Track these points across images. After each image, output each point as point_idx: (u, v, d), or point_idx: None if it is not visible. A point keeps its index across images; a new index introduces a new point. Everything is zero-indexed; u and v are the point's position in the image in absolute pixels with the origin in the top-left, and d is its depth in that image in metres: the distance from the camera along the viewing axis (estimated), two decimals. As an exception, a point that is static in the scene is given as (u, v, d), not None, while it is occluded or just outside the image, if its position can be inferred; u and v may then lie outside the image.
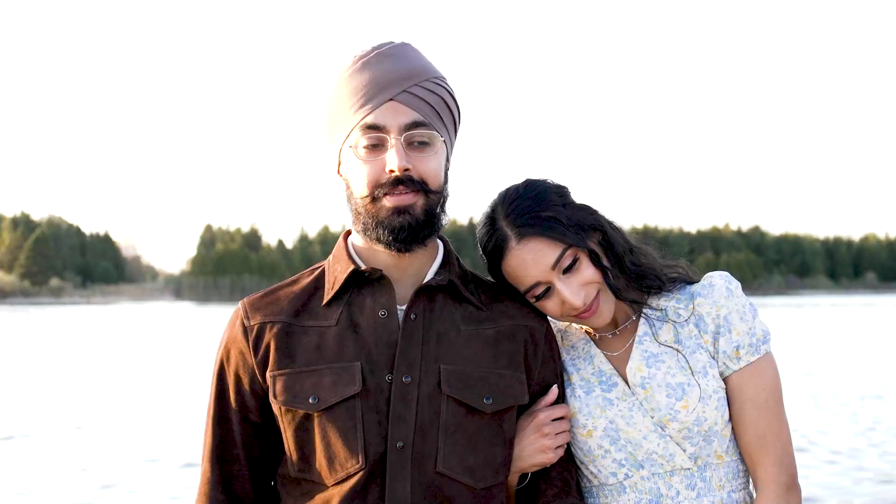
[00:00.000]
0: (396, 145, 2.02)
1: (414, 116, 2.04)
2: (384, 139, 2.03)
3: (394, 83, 2.04)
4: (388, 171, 2.02)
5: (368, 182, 2.04)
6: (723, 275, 2.28)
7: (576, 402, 2.25)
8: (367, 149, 2.04)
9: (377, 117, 2.03)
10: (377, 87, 2.04)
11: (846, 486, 9.86)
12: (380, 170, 2.03)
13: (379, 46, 2.09)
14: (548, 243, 2.15)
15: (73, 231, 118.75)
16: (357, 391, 2.02)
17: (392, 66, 2.06)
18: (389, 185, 2.02)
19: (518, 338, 2.16)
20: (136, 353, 28.40)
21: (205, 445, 2.17)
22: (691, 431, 2.18)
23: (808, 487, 9.61)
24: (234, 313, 2.18)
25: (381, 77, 2.04)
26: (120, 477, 10.43)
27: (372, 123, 2.03)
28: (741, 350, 2.21)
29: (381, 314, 2.08)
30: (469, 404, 2.06)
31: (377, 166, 2.03)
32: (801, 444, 12.01)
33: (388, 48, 2.08)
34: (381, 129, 2.03)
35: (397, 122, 2.03)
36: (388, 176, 2.02)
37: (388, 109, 2.03)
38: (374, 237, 2.06)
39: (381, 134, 2.03)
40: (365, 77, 2.05)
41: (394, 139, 2.02)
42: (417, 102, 2.06)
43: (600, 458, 2.23)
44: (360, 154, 2.04)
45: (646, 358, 2.24)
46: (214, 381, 2.16)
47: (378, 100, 2.03)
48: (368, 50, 2.08)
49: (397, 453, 2.01)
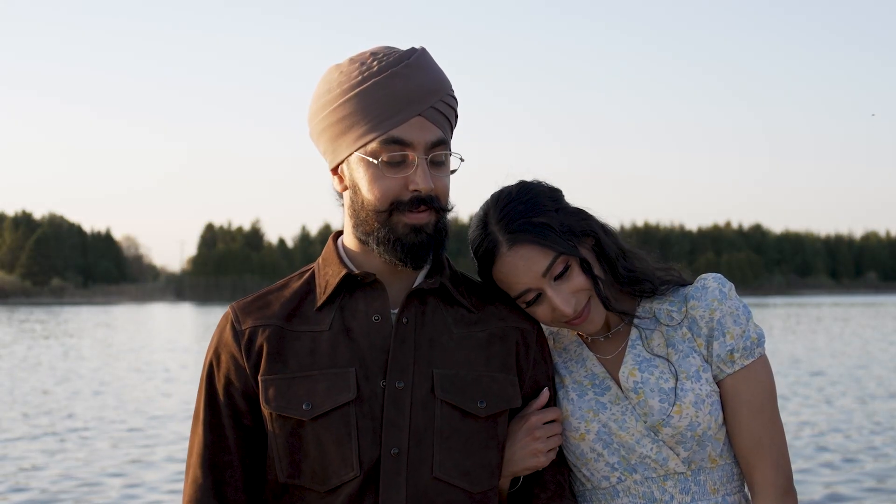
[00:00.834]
0: (422, 165, 2.00)
1: (438, 134, 2.03)
2: (408, 156, 2.00)
3: (421, 98, 2.01)
4: (412, 190, 2.00)
5: (387, 197, 2.01)
6: (716, 277, 2.27)
7: (568, 404, 2.24)
8: (389, 163, 2.00)
9: (404, 132, 1.99)
10: (405, 100, 2.00)
11: (844, 486, 9.87)
12: (401, 186, 2.00)
13: (406, 56, 2.03)
14: (539, 250, 2.14)
15: (75, 230, 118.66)
16: (352, 398, 2.00)
17: (420, 79, 2.02)
18: (410, 203, 2.01)
19: (509, 340, 2.14)
20: (137, 352, 28.42)
21: (192, 452, 2.12)
22: (685, 436, 2.17)
23: (808, 487, 9.61)
24: (223, 318, 2.15)
25: (409, 91, 2.00)
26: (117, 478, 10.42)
27: (399, 138, 1.99)
28: (735, 353, 2.20)
29: (374, 319, 2.06)
30: (463, 408, 2.04)
31: (399, 182, 2.00)
32: (801, 443, 12.02)
33: (416, 59, 2.03)
34: (407, 145, 2.00)
35: (424, 140, 2.01)
36: (410, 194, 2.00)
37: (414, 125, 2.00)
38: (385, 251, 2.04)
39: (405, 150, 2.00)
40: (392, 89, 1.99)
41: (419, 157, 2.00)
42: (440, 119, 2.04)
43: (593, 461, 2.22)
44: (381, 167, 2.00)
45: (639, 362, 2.23)
46: (204, 385, 2.12)
47: (405, 114, 2.00)
48: (394, 59, 2.02)
49: (392, 460, 1.99)
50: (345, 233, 2.16)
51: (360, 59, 2.04)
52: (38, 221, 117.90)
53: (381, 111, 1.99)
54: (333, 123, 2.04)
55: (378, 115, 1.99)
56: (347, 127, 2.02)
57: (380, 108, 1.99)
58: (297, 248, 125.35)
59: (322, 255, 2.19)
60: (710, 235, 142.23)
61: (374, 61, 2.02)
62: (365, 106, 2.00)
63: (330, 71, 2.07)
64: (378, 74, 2.00)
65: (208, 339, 2.10)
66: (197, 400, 2.15)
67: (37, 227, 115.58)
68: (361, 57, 2.05)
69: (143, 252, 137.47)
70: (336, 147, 2.06)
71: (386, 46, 2.08)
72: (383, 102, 1.99)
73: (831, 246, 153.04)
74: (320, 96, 2.06)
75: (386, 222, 2.02)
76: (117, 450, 12.17)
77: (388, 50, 2.06)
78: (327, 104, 2.04)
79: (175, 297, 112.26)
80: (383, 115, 1.99)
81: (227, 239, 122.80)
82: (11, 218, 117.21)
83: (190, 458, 2.12)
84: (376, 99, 1.99)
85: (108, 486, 10.07)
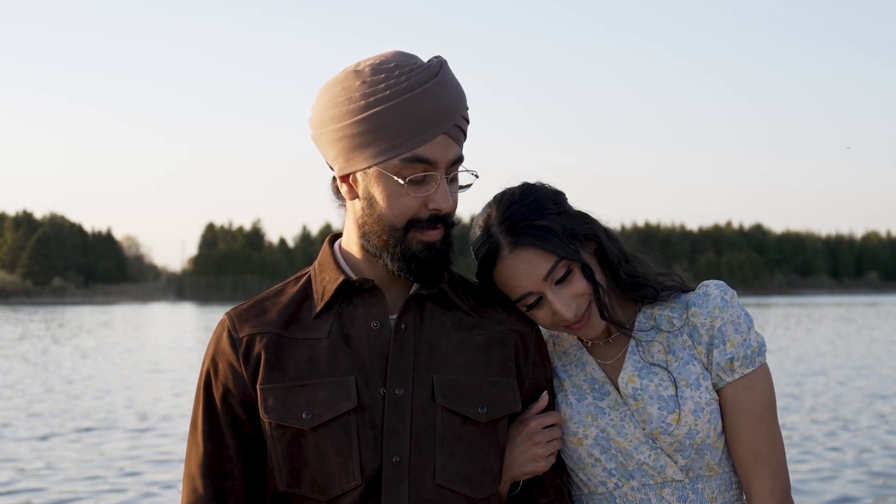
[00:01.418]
0: (443, 184, 1.98)
1: (457, 152, 2.00)
2: (430, 175, 1.97)
3: (447, 117, 1.97)
4: (431, 208, 1.98)
5: (406, 215, 1.98)
6: (718, 284, 2.25)
7: (567, 408, 2.22)
8: (412, 182, 1.96)
9: (429, 151, 1.95)
10: (433, 119, 1.95)
11: (844, 485, 9.87)
12: (421, 204, 1.98)
13: (434, 73, 1.97)
14: (541, 254, 2.12)
15: (76, 230, 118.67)
16: (352, 407, 1.98)
17: (447, 97, 1.98)
18: (427, 221, 1.98)
19: (509, 343, 2.12)
20: (139, 353, 28.42)
21: (191, 461, 2.08)
22: (683, 444, 2.16)
23: (808, 486, 9.61)
24: (219, 326, 2.13)
25: (438, 110, 1.96)
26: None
27: (424, 157, 1.95)
28: (735, 362, 2.18)
29: (373, 325, 2.04)
30: (463, 414, 2.02)
31: (419, 201, 1.97)
32: (800, 443, 12.02)
33: (443, 75, 1.98)
34: (430, 164, 1.96)
35: (446, 158, 1.98)
36: (429, 212, 1.98)
37: (438, 143, 1.96)
38: (398, 266, 2.01)
39: (429, 169, 1.97)
40: (421, 107, 1.94)
41: (441, 176, 1.97)
42: (459, 135, 2.01)
43: (590, 466, 2.21)
44: (405, 186, 1.95)
45: (638, 369, 2.21)
46: (202, 395, 2.09)
47: (431, 133, 1.95)
48: (423, 76, 1.95)
49: (393, 468, 1.97)
50: (345, 238, 2.13)
51: (385, 69, 1.96)
52: (38, 221, 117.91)
53: (409, 129, 1.94)
54: (354, 135, 1.97)
55: (405, 132, 1.94)
56: (369, 141, 1.96)
57: (407, 126, 1.94)
58: (298, 248, 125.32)
59: (318, 259, 2.16)
60: (710, 235, 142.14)
61: (402, 76, 1.95)
62: (391, 122, 1.94)
63: (348, 77, 1.99)
64: (407, 92, 1.94)
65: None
66: (194, 409, 2.12)
67: (38, 226, 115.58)
68: (386, 67, 1.97)
69: (143, 252, 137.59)
70: (352, 157, 1.99)
71: (404, 55, 2.01)
72: (412, 121, 1.94)
73: (832, 246, 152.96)
74: (338, 104, 1.98)
75: (401, 239, 1.99)
76: (131, 449, 12.17)
77: (411, 62, 1.99)
78: (348, 114, 1.97)
79: (176, 297, 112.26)
80: (410, 134, 1.94)
81: (227, 239, 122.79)
82: (12, 218, 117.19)
83: (188, 467, 2.08)
84: (405, 116, 1.94)
85: (123, 485, 10.07)
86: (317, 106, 2.03)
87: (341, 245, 2.15)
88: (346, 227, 2.11)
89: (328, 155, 2.04)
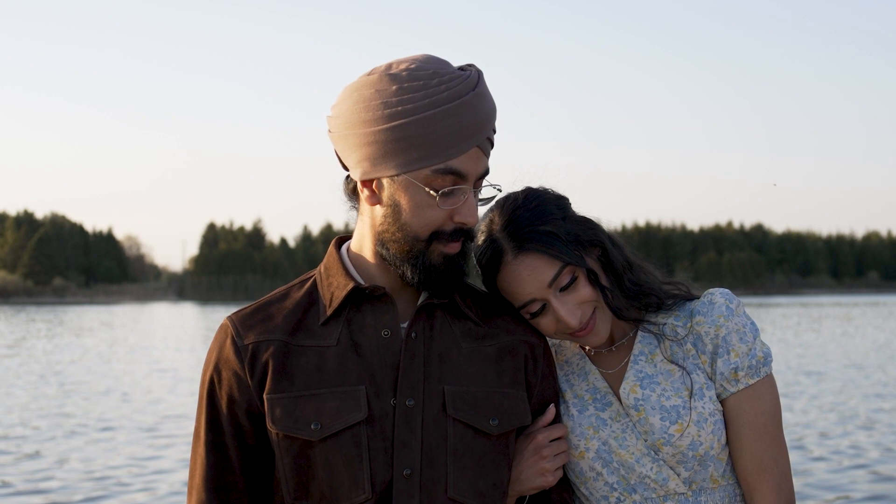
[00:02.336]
0: (471, 198, 1.94)
1: (486, 165, 1.97)
2: (459, 189, 1.92)
3: (482, 129, 1.94)
4: (457, 221, 1.94)
5: (431, 226, 1.93)
6: (724, 292, 2.21)
7: (569, 420, 2.18)
8: (440, 192, 1.91)
9: (462, 164, 1.91)
10: (470, 132, 1.91)
11: (844, 484, 9.89)
12: (446, 217, 1.93)
13: (473, 85, 1.92)
14: (545, 260, 2.08)
15: (77, 230, 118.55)
16: (363, 418, 1.92)
17: (483, 110, 1.94)
18: (450, 234, 1.94)
19: (518, 354, 2.08)
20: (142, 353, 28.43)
21: (195, 473, 2.02)
22: (686, 456, 2.11)
23: (809, 486, 9.63)
24: (220, 331, 2.04)
25: (475, 123, 1.92)
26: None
27: (456, 170, 1.91)
28: (740, 372, 2.14)
29: (383, 334, 1.98)
30: (475, 426, 1.98)
31: (445, 213, 1.93)
32: (802, 442, 12.03)
33: (480, 87, 1.94)
34: (461, 177, 1.92)
35: (477, 171, 1.95)
36: (454, 225, 1.94)
37: (471, 156, 1.93)
38: (417, 278, 1.96)
39: (459, 182, 1.92)
40: (460, 119, 1.89)
41: (469, 189, 1.93)
42: (488, 148, 1.98)
43: (592, 480, 2.17)
44: (433, 195, 1.91)
45: (640, 379, 2.18)
46: (205, 404, 2.02)
47: (466, 146, 1.91)
48: (462, 87, 1.90)
49: (404, 481, 1.92)
50: (356, 242, 2.06)
51: (423, 76, 1.90)
52: (40, 221, 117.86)
53: (444, 140, 1.89)
54: (385, 141, 1.90)
55: (440, 143, 1.89)
56: (402, 148, 1.89)
57: (443, 137, 1.89)
58: (299, 248, 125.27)
59: (324, 263, 2.09)
60: (711, 235, 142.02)
61: (441, 84, 1.89)
62: (427, 132, 1.88)
63: (382, 80, 1.92)
64: (446, 103, 1.88)
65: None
66: (197, 418, 2.05)
67: (39, 226, 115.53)
68: (423, 74, 1.91)
69: (144, 252, 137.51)
70: (379, 163, 1.92)
71: (439, 60, 1.96)
72: (448, 132, 1.89)
73: (833, 245, 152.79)
74: (371, 108, 1.91)
75: (423, 250, 1.94)
76: (144, 448, 12.19)
77: (449, 70, 1.93)
78: (381, 119, 1.90)
79: (177, 297, 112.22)
80: (444, 145, 1.89)
81: (228, 238, 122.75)
82: (13, 217, 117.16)
83: (193, 479, 2.03)
84: (443, 127, 1.88)
85: (133, 484, 10.09)
86: (343, 105, 1.95)
87: (350, 248, 2.08)
88: (359, 231, 2.05)
89: (352, 157, 1.96)
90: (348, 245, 2.10)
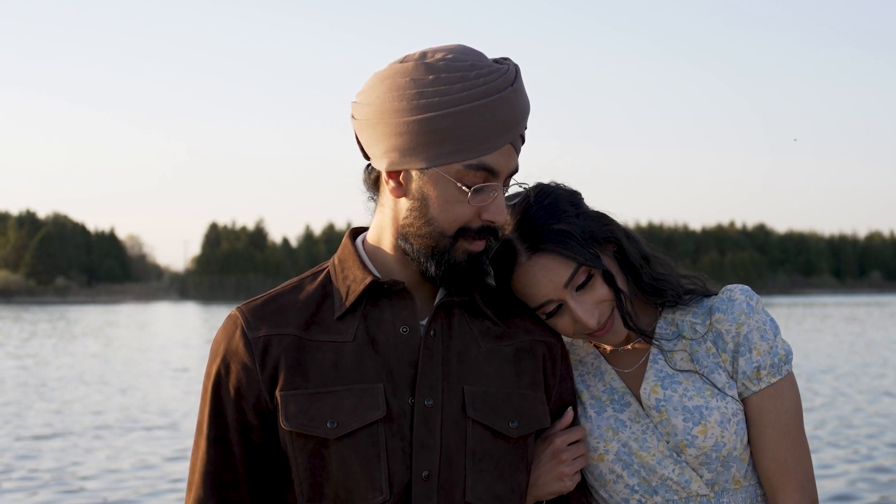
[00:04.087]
0: (501, 195, 1.89)
1: (517, 162, 1.92)
2: (490, 185, 1.87)
3: (517, 125, 1.89)
4: (485, 219, 1.88)
5: (459, 222, 1.87)
6: (744, 289, 2.15)
7: (587, 422, 2.13)
8: (472, 189, 1.86)
9: (495, 160, 1.86)
10: (505, 127, 1.86)
11: (848, 483, 9.88)
12: (474, 213, 1.88)
13: (511, 79, 1.87)
14: (560, 260, 2.02)
15: (79, 229, 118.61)
16: (381, 416, 1.86)
17: (520, 105, 1.89)
18: (477, 231, 1.89)
19: (537, 354, 2.03)
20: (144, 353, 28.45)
21: (195, 469, 1.95)
22: (709, 457, 2.07)
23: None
24: (229, 322, 1.96)
25: (511, 118, 1.87)
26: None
27: (489, 166, 1.85)
28: (762, 371, 2.09)
29: (402, 330, 1.92)
30: (494, 428, 1.92)
31: (474, 210, 1.87)
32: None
33: (518, 83, 1.89)
34: (492, 174, 1.86)
35: (508, 168, 1.89)
36: (481, 222, 1.89)
37: (504, 153, 1.87)
38: (440, 274, 1.90)
39: (490, 179, 1.87)
40: (497, 114, 1.84)
41: (500, 187, 1.89)
42: (519, 145, 1.93)
43: (612, 483, 2.11)
44: (465, 191, 1.85)
45: (661, 378, 2.12)
46: (209, 397, 1.93)
47: (501, 142, 1.86)
48: (501, 82, 1.85)
49: (423, 483, 1.86)
50: (374, 234, 1.99)
51: (461, 68, 1.84)
52: (42, 221, 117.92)
53: (480, 135, 1.84)
54: (419, 132, 1.83)
55: (475, 138, 1.83)
56: (436, 141, 1.84)
57: (479, 132, 1.83)
58: (301, 248, 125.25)
59: (338, 255, 2.02)
60: (713, 235, 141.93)
61: (480, 78, 1.84)
62: (463, 126, 1.82)
63: (418, 69, 1.85)
64: (484, 97, 1.83)
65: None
66: (200, 413, 1.97)
67: (41, 226, 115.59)
68: (461, 66, 1.85)
69: (146, 251, 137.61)
70: (410, 154, 1.86)
71: (476, 52, 1.90)
72: (484, 127, 1.83)
73: (835, 245, 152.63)
74: (406, 97, 1.84)
75: (449, 247, 1.89)
76: (156, 448, 12.20)
77: (487, 63, 1.87)
78: (416, 109, 1.83)
79: (179, 297, 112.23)
80: (479, 140, 1.84)
81: (230, 238, 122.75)
82: (16, 217, 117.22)
83: (192, 475, 1.96)
84: (479, 122, 1.83)
85: (138, 484, 10.10)
86: (373, 93, 1.88)
87: (366, 241, 2.01)
88: (379, 223, 1.97)
89: (379, 146, 1.89)
90: (364, 237, 2.03)
